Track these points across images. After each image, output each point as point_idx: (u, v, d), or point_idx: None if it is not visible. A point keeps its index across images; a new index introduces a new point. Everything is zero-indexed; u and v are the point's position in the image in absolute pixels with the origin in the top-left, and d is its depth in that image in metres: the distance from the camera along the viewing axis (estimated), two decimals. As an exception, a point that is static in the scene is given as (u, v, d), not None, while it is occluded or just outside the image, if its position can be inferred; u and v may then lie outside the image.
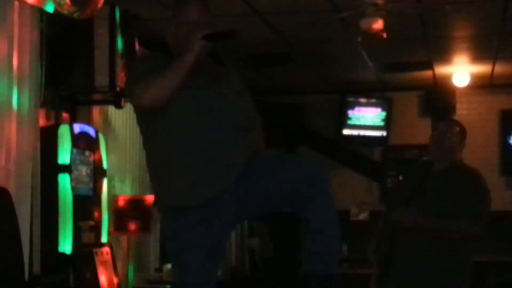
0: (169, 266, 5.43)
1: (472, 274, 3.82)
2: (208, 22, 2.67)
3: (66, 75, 4.80)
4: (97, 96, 5.05)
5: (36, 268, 4.25)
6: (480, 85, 7.95)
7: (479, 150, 7.86)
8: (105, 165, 4.74)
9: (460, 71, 7.43)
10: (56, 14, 4.23)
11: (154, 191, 2.83)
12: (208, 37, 2.60)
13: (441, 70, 7.38)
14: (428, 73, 7.57)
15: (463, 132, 3.94)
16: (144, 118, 2.73)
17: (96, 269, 4.44)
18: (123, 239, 5.26)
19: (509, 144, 8.07)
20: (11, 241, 3.54)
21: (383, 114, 8.37)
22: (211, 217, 2.72)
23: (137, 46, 5.38)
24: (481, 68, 7.31)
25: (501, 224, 6.04)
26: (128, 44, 5.11)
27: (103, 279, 4.51)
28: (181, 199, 2.72)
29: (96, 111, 5.26)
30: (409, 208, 3.77)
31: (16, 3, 4.14)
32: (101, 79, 4.77)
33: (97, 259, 4.49)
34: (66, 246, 4.40)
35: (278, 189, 2.71)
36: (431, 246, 3.66)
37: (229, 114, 2.72)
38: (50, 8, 4.31)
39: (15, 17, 4.20)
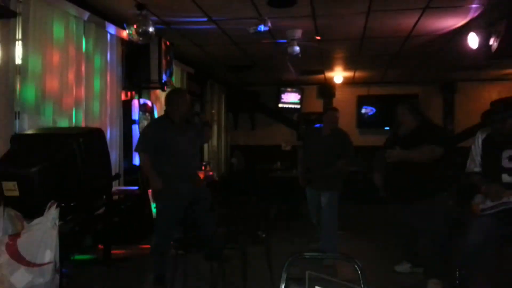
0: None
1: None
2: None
3: (136, 73, 5.42)
4: (152, 84, 5.69)
5: (118, 171, 4.81)
6: (347, 82, 9.55)
7: (345, 117, 8.75)
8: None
9: (338, 75, 8.98)
10: (129, 40, 4.63)
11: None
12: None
13: (328, 74, 8.83)
14: (321, 76, 9.05)
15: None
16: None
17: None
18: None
19: (360, 112, 9.99)
20: (105, 157, 3.77)
21: (299, 97, 9.91)
22: (177, 200, 3.58)
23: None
24: (348, 73, 8.84)
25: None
26: (168, 58, 5.70)
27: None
28: (166, 190, 3.56)
29: (152, 92, 6.10)
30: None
31: (108, 35, 4.57)
32: (154, 76, 5.50)
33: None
34: (136, 161, 4.96)
35: (201, 220, 3.75)
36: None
37: (189, 147, 3.60)
38: (125, 36, 4.60)
39: (108, 42, 4.67)
